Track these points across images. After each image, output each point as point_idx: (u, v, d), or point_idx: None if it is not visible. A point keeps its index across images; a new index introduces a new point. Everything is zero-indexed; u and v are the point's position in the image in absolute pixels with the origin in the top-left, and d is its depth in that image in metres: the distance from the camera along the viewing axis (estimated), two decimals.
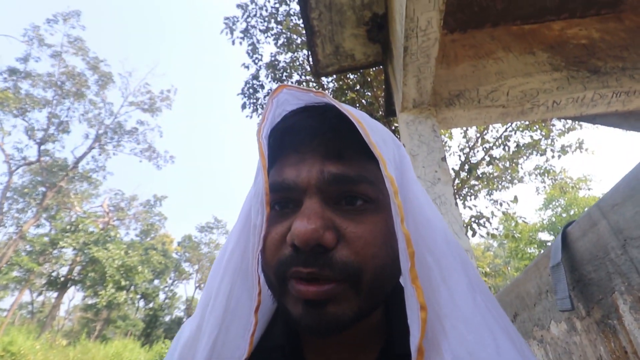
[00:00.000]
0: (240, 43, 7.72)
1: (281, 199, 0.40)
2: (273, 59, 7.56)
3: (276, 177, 0.41)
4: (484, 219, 7.67)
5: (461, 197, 8.04)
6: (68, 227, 18.83)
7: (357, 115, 0.39)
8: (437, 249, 0.38)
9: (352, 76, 6.52)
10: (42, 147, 21.65)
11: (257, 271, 0.40)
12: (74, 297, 30.93)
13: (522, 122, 7.45)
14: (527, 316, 0.99)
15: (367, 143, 0.36)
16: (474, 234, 7.27)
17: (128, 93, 25.29)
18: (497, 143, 8.28)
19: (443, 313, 0.34)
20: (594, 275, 0.67)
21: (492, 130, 8.34)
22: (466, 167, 8.11)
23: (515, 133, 8.25)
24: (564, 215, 18.18)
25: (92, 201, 24.74)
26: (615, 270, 0.61)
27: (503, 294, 1.19)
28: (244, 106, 7.82)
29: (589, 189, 17.34)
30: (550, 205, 19.21)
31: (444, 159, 2.13)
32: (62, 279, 19.43)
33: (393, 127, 6.15)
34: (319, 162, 0.39)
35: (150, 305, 30.44)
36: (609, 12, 2.49)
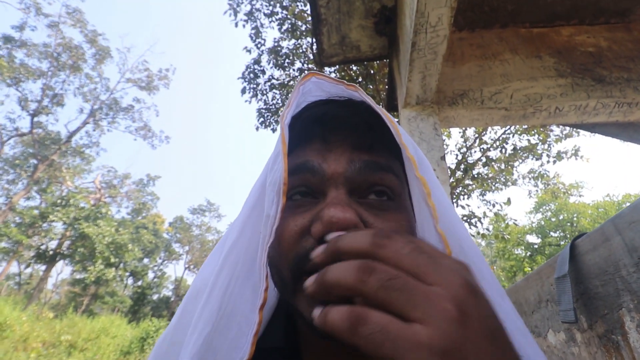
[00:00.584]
0: (244, 26, 7.57)
1: (301, 187, 0.38)
2: (276, 44, 7.45)
3: (297, 160, 0.39)
4: (476, 219, 7.77)
5: (455, 196, 8.10)
6: (59, 201, 18.65)
7: (388, 115, 0.38)
8: (464, 253, 0.37)
9: (355, 68, 6.46)
10: (35, 119, 21.27)
11: (265, 265, 0.36)
12: (62, 271, 30.86)
13: (522, 126, 7.49)
14: (524, 322, 1.01)
15: (399, 143, 0.36)
16: None
17: (125, 69, 24.83)
18: (494, 145, 8.31)
19: None
20: (601, 289, 0.68)
21: (490, 132, 8.36)
22: (462, 166, 8.15)
23: (513, 136, 8.29)
24: (553, 219, 18.44)
25: (84, 177, 24.49)
26: (625, 287, 0.61)
27: None
28: (243, 91, 7.73)
29: (580, 196, 17.62)
30: (541, 209, 19.46)
31: (443, 157, 2.13)
32: (50, 252, 19.34)
33: None
34: (348, 152, 0.38)
35: (139, 283, 30.51)
36: (618, 22, 2.48)
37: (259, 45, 7.55)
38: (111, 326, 17.48)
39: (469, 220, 7.64)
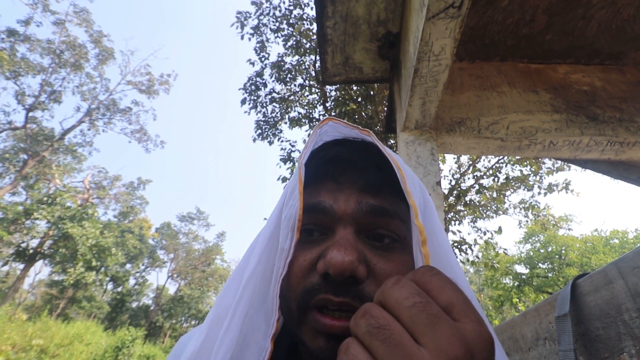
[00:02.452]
0: (249, 39, 7.70)
1: (312, 225, 0.40)
2: (280, 59, 7.57)
3: (311, 199, 0.41)
4: (466, 246, 7.77)
5: (446, 221, 8.13)
6: (45, 198, 18.25)
7: (396, 160, 0.41)
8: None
9: (355, 88, 6.57)
10: (30, 114, 21.06)
11: (277, 297, 0.39)
12: (40, 271, 29.85)
13: (516, 156, 7.63)
14: (519, 359, 1.00)
15: (403, 190, 0.38)
16: None
17: (127, 71, 24.91)
18: (487, 173, 8.42)
19: None
20: (602, 332, 0.67)
21: (484, 160, 8.49)
22: (455, 192, 8.22)
23: (506, 165, 8.42)
24: (542, 250, 18.55)
25: (74, 175, 24.12)
26: (627, 332, 0.61)
27: (495, 331, 1.19)
28: (243, 101, 7.78)
29: (569, 229, 17.80)
30: (530, 240, 19.59)
31: (438, 183, 2.15)
32: (31, 251, 18.77)
33: (390, 144, 6.20)
34: (356, 193, 0.41)
35: (119, 289, 29.67)
36: (612, 64, 2.58)
37: (262, 59, 7.66)
38: (86, 332, 16.87)
39: (459, 246, 7.64)
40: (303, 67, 7.57)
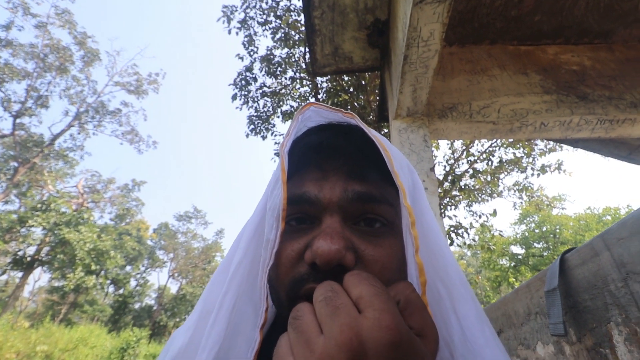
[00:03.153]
0: (237, 33, 7.60)
1: (298, 214, 0.40)
2: (269, 52, 7.49)
3: (295, 189, 0.41)
4: (463, 229, 7.86)
5: (442, 207, 8.19)
6: (39, 205, 18.06)
7: (382, 141, 0.39)
8: (449, 279, 0.38)
9: (346, 78, 6.53)
10: (18, 121, 20.70)
11: (265, 287, 0.38)
12: (39, 278, 29.69)
13: (508, 139, 7.67)
14: (513, 334, 1.02)
15: (391, 171, 0.37)
16: (451, 243, 7.43)
17: (114, 72, 24.50)
18: (481, 157, 8.47)
19: (453, 342, 0.35)
20: (589, 303, 0.69)
21: (477, 144, 8.53)
22: (449, 178, 8.27)
23: (499, 149, 8.47)
24: (537, 230, 18.81)
25: (66, 181, 23.84)
26: (614, 301, 0.63)
27: (489, 310, 1.22)
28: (234, 97, 7.71)
29: (562, 209, 18.02)
30: (525, 221, 19.83)
31: (432, 169, 2.16)
32: (28, 258, 18.64)
33: (383, 132, 6.20)
34: (342, 180, 0.40)
35: (121, 291, 29.66)
36: (601, 42, 2.58)
37: (251, 53, 7.57)
38: (90, 336, 16.90)
39: (456, 230, 7.72)
40: (293, 60, 7.50)
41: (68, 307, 26.16)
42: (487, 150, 8.46)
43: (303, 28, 6.35)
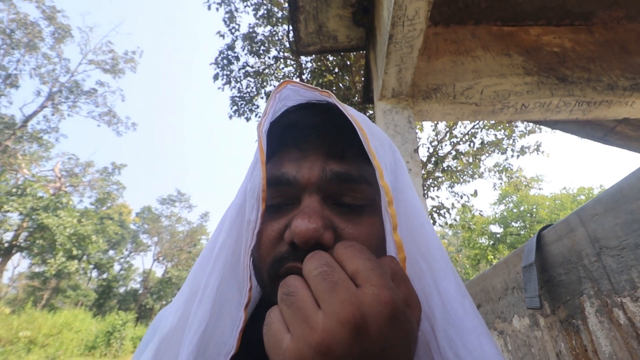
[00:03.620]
0: (217, 9, 7.31)
1: (278, 195, 0.40)
2: (251, 30, 7.25)
3: (274, 171, 0.41)
4: (445, 210, 8.06)
5: (425, 188, 8.34)
6: (14, 190, 17.40)
7: (358, 119, 0.39)
8: (430, 255, 0.39)
9: (331, 58, 6.42)
10: None
11: (248, 267, 0.39)
12: (19, 264, 28.96)
13: (490, 121, 7.79)
14: (491, 308, 1.08)
15: (367, 151, 0.37)
16: (433, 223, 7.63)
17: (88, 50, 23.34)
18: (463, 139, 8.61)
19: (434, 315, 0.36)
20: (564, 277, 0.73)
21: (460, 126, 8.64)
22: (433, 159, 8.39)
23: (481, 130, 8.62)
24: (515, 210, 19.49)
25: (42, 164, 22.95)
26: (587, 275, 0.66)
27: (469, 286, 1.27)
28: (216, 77, 7.50)
29: (539, 189, 18.68)
30: (504, 201, 20.49)
31: (416, 150, 2.19)
32: (6, 244, 18.10)
33: (369, 114, 6.19)
34: (321, 160, 0.40)
35: (104, 276, 29.35)
36: (582, 24, 2.62)
37: (233, 31, 7.32)
38: (74, 320, 16.77)
39: (438, 211, 7.91)
40: (276, 38, 7.30)
41: (50, 293, 25.77)
42: (470, 132, 8.59)
43: (286, 5, 6.16)
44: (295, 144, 0.42)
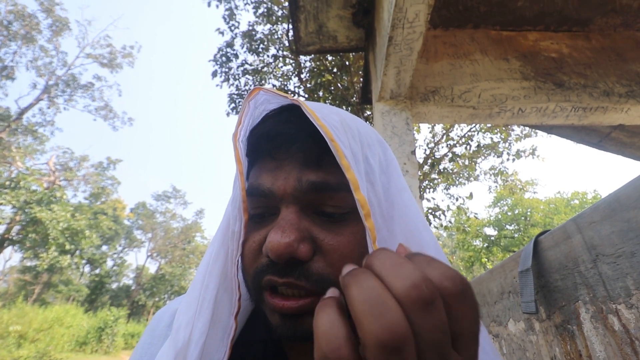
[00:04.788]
0: (217, 6, 7.27)
1: (258, 205, 0.39)
2: (250, 28, 7.23)
3: (252, 180, 0.40)
4: (440, 212, 8.09)
5: (421, 190, 8.38)
6: (7, 182, 17.21)
7: (330, 127, 0.36)
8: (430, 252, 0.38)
9: (330, 58, 6.42)
10: None
11: (236, 277, 0.39)
12: (10, 257, 28.65)
13: (486, 124, 7.83)
14: (486, 312, 1.09)
15: (339, 163, 0.34)
16: (429, 225, 7.66)
17: (85, 44, 23.13)
18: (460, 141, 8.65)
19: None
20: (560, 283, 0.73)
21: (457, 129, 8.68)
22: (429, 161, 8.42)
23: (477, 133, 8.66)
24: (509, 213, 19.61)
25: (36, 157, 22.72)
26: (583, 281, 0.67)
27: None
28: (214, 74, 7.46)
29: (534, 192, 18.81)
30: (499, 204, 20.60)
31: (413, 152, 2.19)
32: None
33: (367, 115, 6.19)
34: (296, 169, 0.38)
35: (97, 271, 29.14)
36: (579, 30, 2.64)
37: (232, 28, 7.29)
38: (66, 316, 16.64)
39: (434, 212, 7.94)
40: (276, 37, 7.28)
41: (42, 287, 25.55)
42: (466, 135, 8.63)
43: (286, 3, 6.15)
44: (269, 153, 0.40)
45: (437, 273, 0.23)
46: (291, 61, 7.39)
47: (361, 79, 5.79)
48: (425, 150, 8.75)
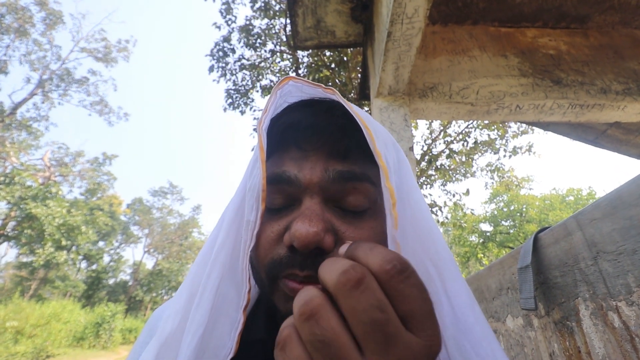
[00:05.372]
0: (214, 0, 7.20)
1: (278, 194, 0.39)
2: (247, 22, 7.17)
3: (275, 169, 0.40)
4: (437, 208, 8.13)
5: (418, 186, 8.39)
6: (2, 178, 17.07)
7: (364, 119, 0.37)
8: (439, 259, 0.38)
9: (328, 54, 6.39)
10: None
11: (247, 268, 0.38)
12: (6, 253, 28.52)
13: (484, 121, 7.83)
14: (484, 308, 1.10)
15: (372, 151, 0.35)
16: None
17: (80, 37, 22.88)
18: (457, 138, 8.66)
19: (444, 324, 0.35)
20: (559, 280, 0.74)
21: (454, 125, 8.70)
22: (426, 157, 8.44)
23: (475, 130, 8.68)
24: (505, 209, 19.74)
25: (31, 153, 22.52)
26: (583, 278, 0.68)
27: None
28: (211, 69, 7.41)
29: (530, 189, 18.94)
30: (495, 200, 20.73)
31: (411, 149, 2.19)
32: None
33: (365, 111, 6.18)
34: (323, 160, 0.39)
35: (94, 267, 29.06)
36: (578, 27, 2.64)
37: (229, 22, 7.22)
38: (63, 311, 16.61)
39: (430, 209, 7.98)
40: (273, 32, 7.23)
41: (38, 283, 25.45)
42: (464, 131, 8.65)
43: None
44: (296, 143, 0.40)
45: (378, 258, 0.24)
46: (289, 56, 7.35)
47: (359, 75, 5.77)
48: (423, 146, 8.76)
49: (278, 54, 7.46)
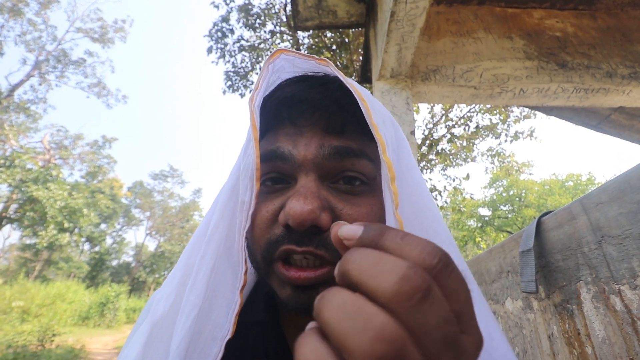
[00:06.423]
0: None
1: (273, 174, 0.38)
2: (247, 2, 6.99)
3: (269, 145, 0.38)
4: (437, 192, 8.15)
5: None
6: (2, 161, 17.05)
7: (360, 92, 0.36)
8: (437, 237, 0.38)
9: (329, 35, 6.26)
10: None
11: (243, 249, 0.37)
12: (10, 235, 28.79)
13: (486, 105, 7.74)
14: (484, 290, 1.12)
15: (368, 123, 0.34)
16: None
17: (75, 17, 22.37)
18: (459, 122, 8.59)
19: None
20: (562, 263, 0.74)
21: (456, 109, 8.61)
22: (427, 142, 8.39)
23: (476, 114, 8.59)
24: (504, 194, 19.79)
25: (30, 136, 22.40)
26: (586, 262, 0.68)
27: None
28: (210, 50, 7.27)
29: (530, 174, 18.92)
30: (494, 185, 20.76)
31: (413, 132, 2.18)
32: None
33: None
34: (318, 136, 0.38)
35: (97, 249, 29.42)
36: (585, 9, 2.57)
37: (227, 2, 7.04)
38: (67, 292, 16.91)
39: (430, 193, 8.00)
40: (273, 12, 7.05)
41: (42, 264, 25.84)
42: (465, 116, 8.57)
43: None
44: (290, 119, 0.39)
45: (417, 250, 0.20)
46: (289, 37, 7.20)
47: (361, 57, 5.66)
48: (424, 131, 8.70)
49: (278, 35, 7.31)
